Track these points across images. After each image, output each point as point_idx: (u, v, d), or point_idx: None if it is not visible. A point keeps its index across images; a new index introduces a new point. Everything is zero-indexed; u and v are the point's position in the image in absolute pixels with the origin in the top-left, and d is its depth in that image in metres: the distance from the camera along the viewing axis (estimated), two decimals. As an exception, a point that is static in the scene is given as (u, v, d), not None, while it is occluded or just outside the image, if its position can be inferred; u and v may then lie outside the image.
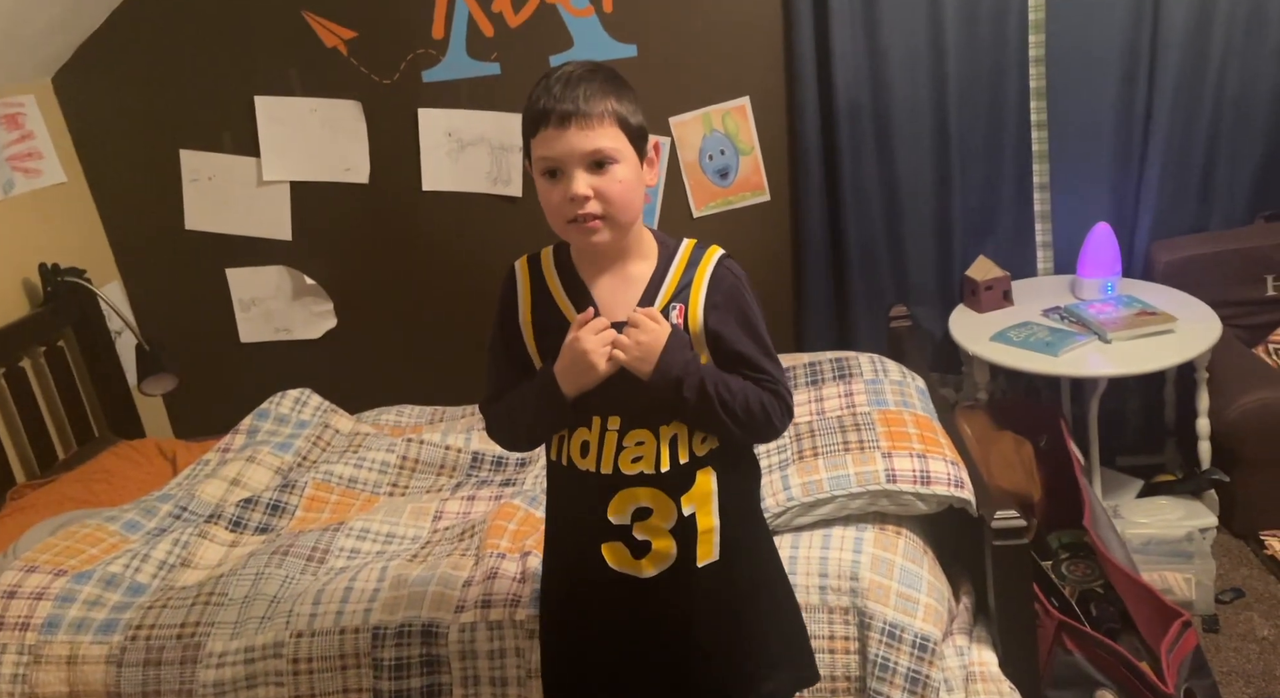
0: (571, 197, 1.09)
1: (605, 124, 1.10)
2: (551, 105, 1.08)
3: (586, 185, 1.09)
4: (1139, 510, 2.20)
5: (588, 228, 1.11)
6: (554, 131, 1.08)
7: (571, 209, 1.10)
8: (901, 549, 1.61)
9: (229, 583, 1.70)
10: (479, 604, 1.57)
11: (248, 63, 2.54)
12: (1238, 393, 2.14)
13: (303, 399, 2.33)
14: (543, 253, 1.24)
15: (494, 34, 2.49)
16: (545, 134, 1.09)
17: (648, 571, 1.19)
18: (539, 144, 1.10)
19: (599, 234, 1.12)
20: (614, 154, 1.10)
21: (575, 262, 1.20)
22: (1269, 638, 1.93)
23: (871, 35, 2.38)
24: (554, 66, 1.15)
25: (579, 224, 1.11)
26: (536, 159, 1.12)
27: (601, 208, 1.10)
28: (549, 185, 1.11)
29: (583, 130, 1.08)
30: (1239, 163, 2.42)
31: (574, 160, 1.09)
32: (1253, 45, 2.33)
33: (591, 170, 1.10)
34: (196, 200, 2.65)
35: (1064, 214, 2.54)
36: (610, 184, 1.10)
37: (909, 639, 1.50)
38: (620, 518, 1.19)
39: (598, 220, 1.11)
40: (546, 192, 1.12)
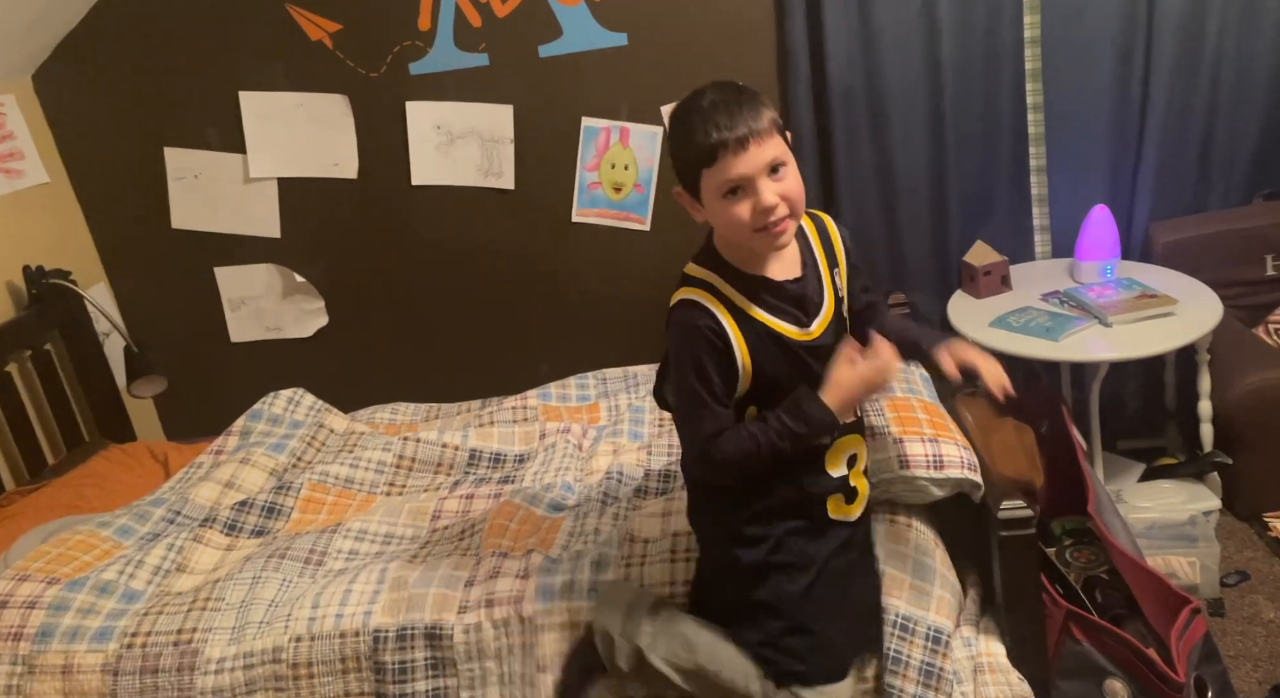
0: (765, 207, 1.21)
1: (772, 135, 1.22)
2: (727, 135, 1.19)
3: (774, 193, 1.21)
4: (1141, 495, 2.19)
5: (779, 231, 1.23)
6: (735, 156, 1.19)
7: (763, 218, 1.22)
8: (913, 543, 1.60)
9: (225, 588, 1.67)
10: (482, 604, 1.55)
11: (231, 58, 2.49)
12: (1239, 374, 2.13)
13: (296, 399, 2.30)
14: (708, 279, 1.30)
15: (482, 24, 2.45)
16: (726, 160, 1.20)
17: (856, 513, 1.40)
18: (720, 170, 1.20)
19: (787, 234, 1.25)
20: (785, 157, 1.23)
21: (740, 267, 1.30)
22: (1275, 621, 1.92)
23: (864, 19, 2.35)
24: (692, 98, 1.24)
25: (769, 230, 1.23)
26: (717, 184, 1.22)
27: (788, 208, 1.23)
28: (731, 203, 1.22)
29: (759, 146, 1.20)
30: (1236, 142, 2.40)
31: (760, 172, 1.21)
32: (1249, 25, 2.31)
33: (771, 177, 1.22)
34: (182, 199, 2.61)
35: (1061, 197, 2.52)
36: (788, 185, 1.23)
37: (922, 632, 1.48)
38: (838, 469, 1.36)
39: (786, 221, 1.24)
40: (729, 208, 1.22)
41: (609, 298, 2.69)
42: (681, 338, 1.28)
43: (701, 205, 1.26)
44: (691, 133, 1.21)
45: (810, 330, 1.32)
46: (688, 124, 1.22)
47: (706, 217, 1.28)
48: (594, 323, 2.71)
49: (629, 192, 2.61)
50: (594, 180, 2.60)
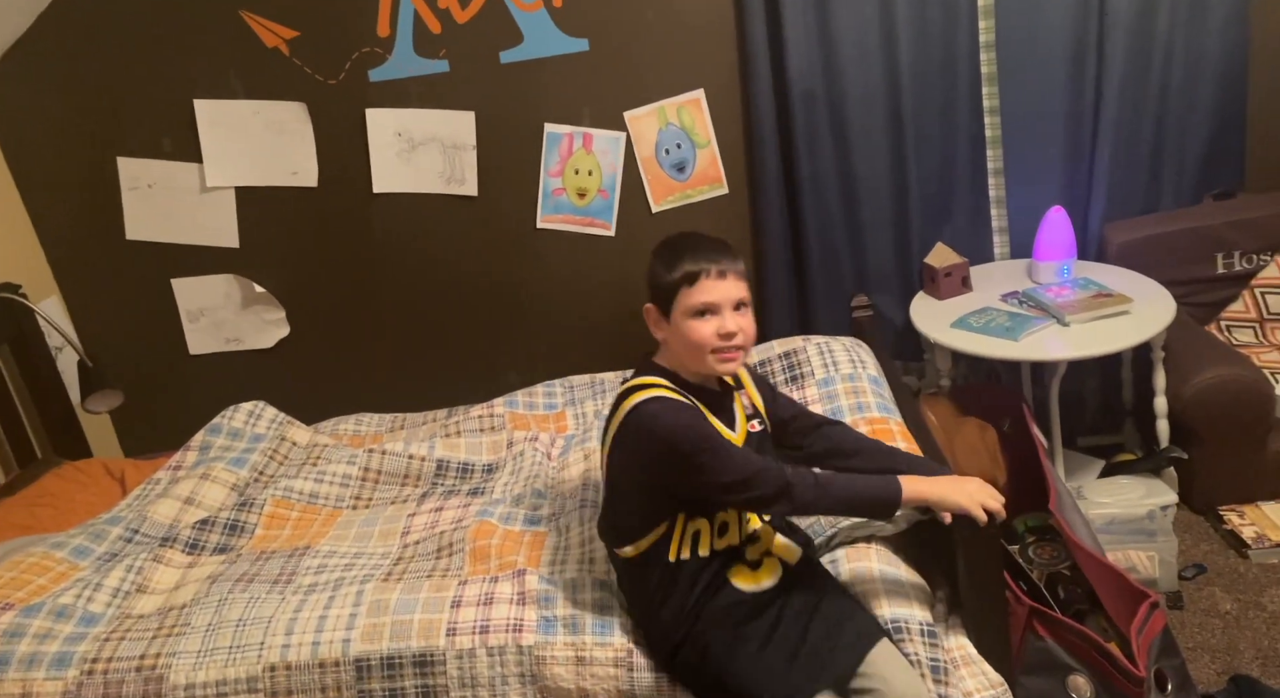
0: (726, 332, 1.41)
1: (743, 281, 1.44)
2: (711, 265, 1.41)
3: (735, 323, 1.41)
4: (1101, 491, 2.23)
5: (731, 357, 1.43)
6: (714, 282, 1.41)
7: (720, 342, 1.41)
8: (875, 557, 1.62)
9: (191, 612, 1.63)
10: (477, 629, 1.52)
11: (185, 66, 2.44)
12: (1193, 371, 2.18)
13: (257, 412, 2.26)
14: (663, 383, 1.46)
15: (441, 31, 2.43)
16: (705, 284, 1.41)
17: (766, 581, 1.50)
18: (697, 291, 1.41)
19: (734, 363, 1.45)
20: (749, 301, 1.45)
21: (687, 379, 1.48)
22: (1231, 612, 1.97)
23: (823, 24, 2.37)
24: (681, 235, 1.48)
25: (722, 354, 1.42)
26: (691, 304, 1.41)
27: (743, 340, 1.43)
28: (699, 323, 1.41)
29: (734, 281, 1.42)
30: (1186, 143, 2.46)
31: (728, 304, 1.42)
32: (1196, 29, 2.36)
33: (736, 311, 1.42)
34: (137, 209, 2.55)
35: (1019, 199, 2.56)
36: (748, 324, 1.44)
37: (916, 630, 1.49)
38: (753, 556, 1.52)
39: (739, 351, 1.43)
40: (697, 328, 1.41)
41: (575, 304, 2.68)
42: (673, 414, 1.40)
43: (668, 323, 1.45)
44: (679, 258, 1.42)
45: (733, 434, 1.49)
46: (677, 250, 1.43)
47: (668, 334, 1.46)
48: (560, 329, 2.70)
49: (593, 197, 2.61)
50: (558, 186, 2.60)
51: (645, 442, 1.41)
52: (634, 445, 1.43)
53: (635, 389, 1.45)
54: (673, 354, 1.48)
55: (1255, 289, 2.44)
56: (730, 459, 1.40)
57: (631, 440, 1.43)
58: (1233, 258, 2.45)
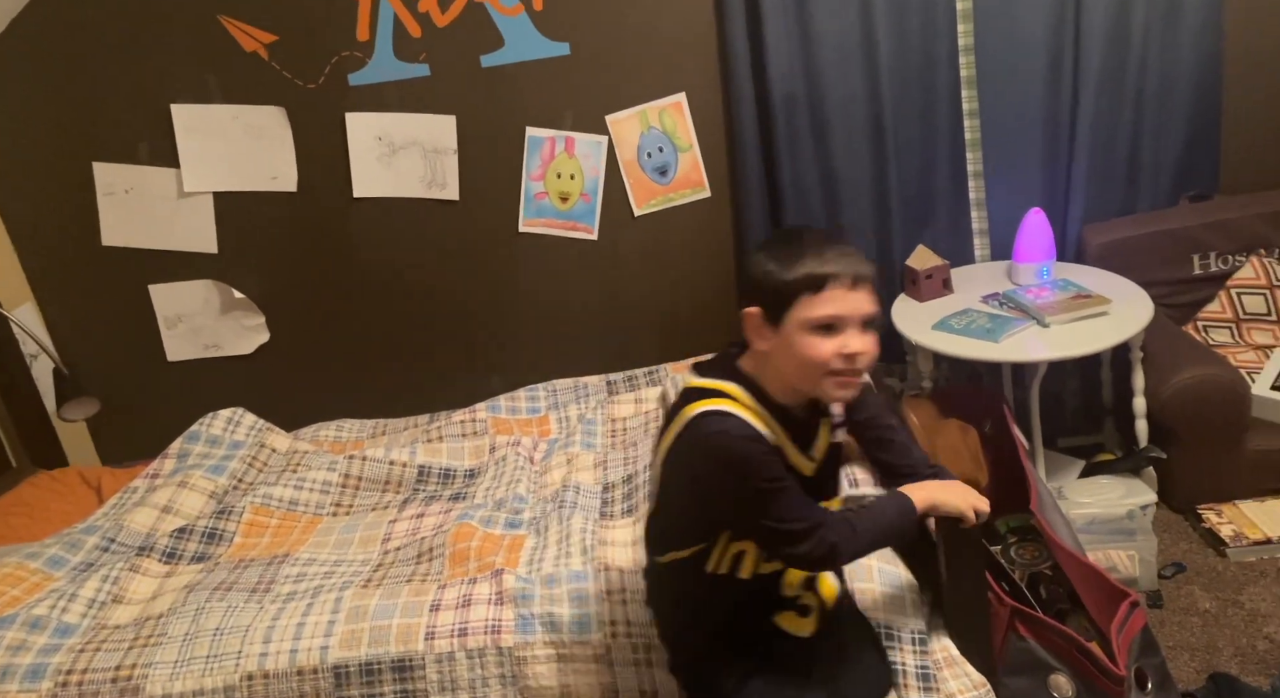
0: (850, 353, 1.18)
1: (874, 291, 1.21)
2: (837, 269, 1.17)
3: (862, 343, 1.19)
4: (1082, 490, 2.24)
5: (849, 382, 1.21)
6: (842, 292, 1.17)
7: (840, 363, 1.19)
8: (875, 555, 1.61)
9: (168, 622, 1.61)
10: (455, 632, 1.52)
11: (162, 70, 2.42)
12: (1171, 371, 2.20)
13: (235, 419, 2.24)
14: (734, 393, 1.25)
15: (422, 34, 2.43)
16: (831, 293, 1.17)
17: (807, 629, 1.37)
18: (823, 301, 1.17)
19: (853, 390, 1.23)
20: (878, 318, 1.21)
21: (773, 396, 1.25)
22: (1210, 610, 1.98)
23: (804, 27, 2.38)
24: (795, 229, 1.29)
25: (841, 378, 1.20)
26: (813, 315, 1.18)
27: (866, 364, 1.21)
28: (818, 339, 1.18)
29: (867, 294, 1.19)
30: (1162, 146, 2.49)
31: (854, 320, 1.19)
32: (1171, 30, 2.39)
33: (863, 330, 1.20)
34: (113, 215, 2.52)
35: (999, 201, 2.58)
36: (872, 345, 1.21)
37: (907, 638, 1.50)
38: (793, 590, 1.36)
39: (859, 377, 1.21)
40: (814, 344, 1.18)
41: (558, 308, 2.67)
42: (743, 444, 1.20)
43: (775, 333, 1.21)
44: (799, 256, 1.18)
45: (806, 463, 1.31)
46: (798, 246, 1.19)
47: (773, 345, 1.22)
48: (543, 333, 2.70)
49: (575, 201, 2.60)
50: (540, 190, 2.59)
51: (701, 462, 1.23)
52: (687, 460, 1.25)
53: (705, 394, 1.24)
54: (770, 366, 1.25)
55: (1231, 290, 2.46)
56: (791, 508, 1.22)
57: (686, 454, 1.25)
58: (1209, 259, 2.48)
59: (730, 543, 1.30)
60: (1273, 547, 2.11)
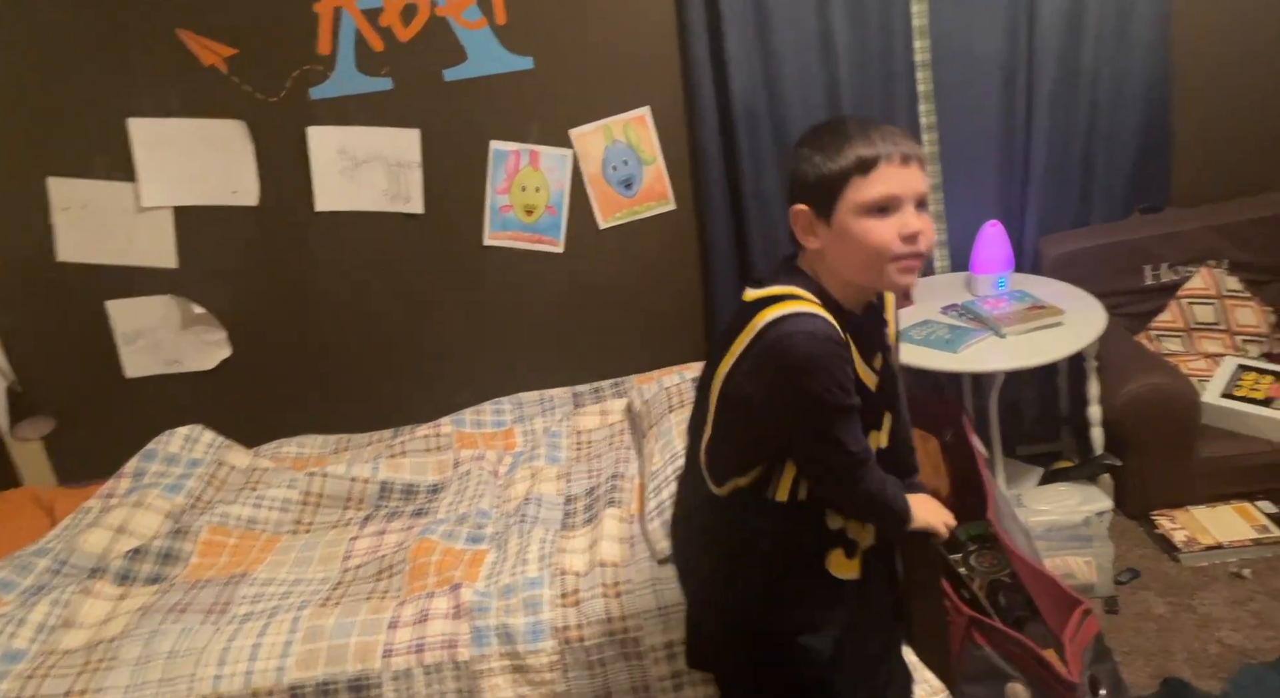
0: (911, 233, 1.12)
1: (925, 169, 1.16)
2: (893, 148, 1.12)
3: (921, 222, 1.13)
4: (1040, 498, 2.27)
5: (911, 266, 1.14)
6: (896, 169, 1.12)
7: (901, 247, 1.12)
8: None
9: (119, 646, 1.58)
10: (412, 649, 1.50)
11: (119, 84, 2.39)
12: (1124, 380, 2.24)
13: (193, 437, 2.21)
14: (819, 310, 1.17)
15: (384, 48, 2.42)
16: (886, 171, 1.12)
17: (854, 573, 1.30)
18: (875, 181, 1.12)
19: (915, 275, 1.16)
20: (928, 201, 1.18)
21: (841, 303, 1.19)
22: (1164, 615, 2.02)
23: (764, 43, 2.41)
24: (839, 117, 1.20)
25: (903, 262, 1.13)
26: (866, 199, 1.12)
27: (926, 246, 1.15)
28: (877, 223, 1.12)
29: (919, 171, 1.14)
30: (1114, 159, 2.54)
31: (910, 198, 1.13)
32: (1121, 47, 2.45)
33: (919, 210, 1.14)
34: (68, 230, 2.49)
35: (958, 213, 2.62)
36: (930, 227, 1.16)
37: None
38: (835, 522, 1.27)
39: (920, 260, 1.14)
40: (873, 228, 1.12)
41: (524, 321, 2.67)
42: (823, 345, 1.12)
43: (829, 226, 1.14)
44: (847, 142, 1.12)
45: (872, 377, 1.25)
46: (841, 135, 1.13)
47: (827, 241, 1.16)
48: (509, 346, 2.69)
49: (541, 214, 2.61)
50: (505, 203, 2.59)
51: (776, 368, 1.13)
52: (759, 370, 1.15)
53: (776, 299, 1.15)
54: (827, 266, 1.18)
55: (1181, 300, 2.52)
56: (851, 432, 1.17)
57: (759, 363, 1.15)
58: (1160, 270, 2.53)
59: (789, 468, 1.23)
60: (1224, 552, 2.16)
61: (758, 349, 1.15)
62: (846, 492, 1.24)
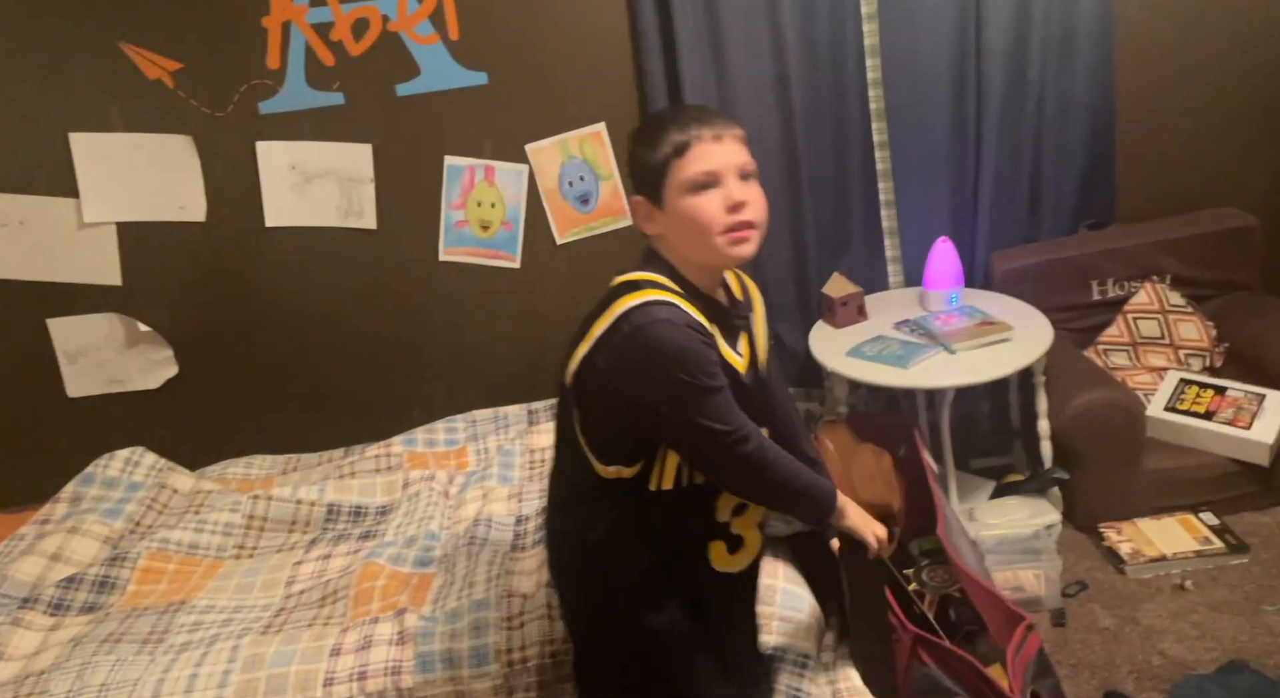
0: (735, 203, 1.17)
1: (744, 146, 1.21)
2: (704, 130, 1.18)
3: (744, 192, 1.18)
4: (991, 512, 2.30)
5: (743, 237, 1.18)
6: (709, 146, 1.17)
7: (730, 218, 1.17)
8: (781, 573, 1.64)
9: (50, 679, 1.53)
10: (354, 676, 1.48)
11: (59, 98, 2.34)
12: (1071, 394, 2.28)
13: (134, 459, 2.16)
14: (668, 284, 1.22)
15: (335, 63, 2.40)
16: (699, 150, 1.17)
17: (742, 564, 1.34)
18: (691, 161, 1.17)
19: (750, 244, 1.20)
20: (755, 172, 1.21)
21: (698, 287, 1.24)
22: (1110, 628, 2.05)
23: (719, 63, 2.42)
24: (663, 109, 1.27)
25: (734, 233, 1.18)
26: (687, 178, 1.18)
27: (755, 215, 1.19)
28: (700, 199, 1.17)
29: (735, 145, 1.19)
30: (1061, 177, 2.59)
31: (731, 170, 1.18)
32: (1066, 66, 2.49)
33: (744, 182, 1.19)
34: (8, 247, 2.42)
35: (910, 229, 2.65)
36: (758, 196, 1.20)
37: (790, 659, 1.51)
38: (724, 515, 1.30)
39: (753, 229, 1.19)
40: (698, 205, 1.17)
41: (480, 337, 2.65)
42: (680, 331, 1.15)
43: (663, 210, 1.20)
44: (664, 130, 1.19)
45: (738, 360, 1.28)
46: (660, 124, 1.21)
47: (665, 225, 1.21)
48: (465, 363, 2.67)
49: (497, 229, 2.59)
50: (460, 219, 2.57)
51: (636, 356, 1.16)
52: (618, 353, 1.17)
53: (635, 286, 1.19)
54: (673, 251, 1.23)
55: (1128, 315, 2.57)
56: (725, 407, 1.18)
57: (618, 350, 1.17)
58: (1106, 285, 2.58)
59: (670, 451, 1.24)
60: (1167, 563, 2.20)
61: (617, 337, 1.18)
62: (732, 472, 1.24)
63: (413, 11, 2.38)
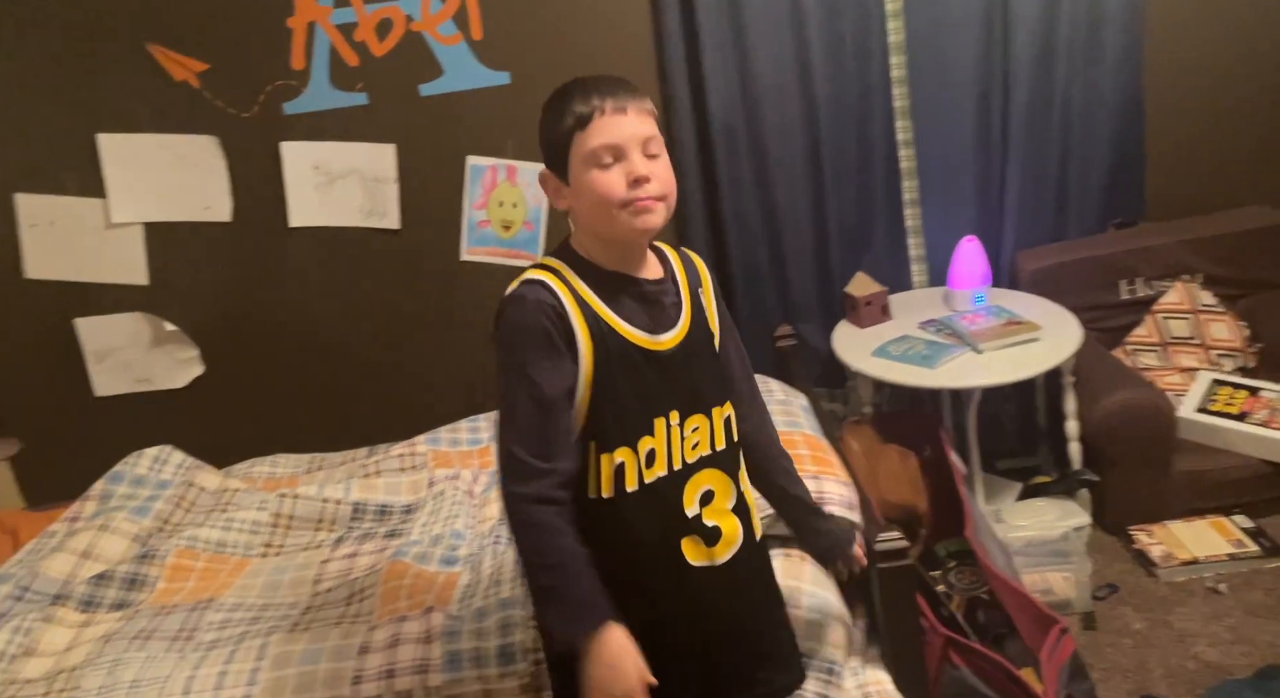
0: (637, 176, 1.14)
1: (650, 117, 1.18)
2: (606, 101, 1.15)
3: (648, 166, 1.15)
4: (1019, 513, 2.27)
5: (646, 207, 1.15)
6: (611, 119, 1.14)
7: (628, 192, 1.14)
8: (809, 576, 1.61)
9: (82, 675, 1.54)
10: (382, 675, 1.47)
11: (88, 99, 2.36)
12: (1101, 395, 2.25)
13: (162, 457, 2.17)
14: (556, 266, 1.19)
15: (359, 63, 2.41)
16: (600, 122, 1.14)
17: (723, 555, 1.24)
18: (593, 134, 1.14)
19: (655, 214, 1.16)
20: (660, 144, 1.18)
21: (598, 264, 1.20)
22: (1142, 631, 2.02)
23: (741, 61, 2.41)
24: (571, 81, 1.19)
25: (637, 205, 1.15)
26: (589, 150, 1.15)
27: (660, 188, 1.16)
28: (602, 173, 1.14)
29: (639, 117, 1.16)
30: (1088, 175, 2.56)
31: (633, 144, 1.15)
32: (1093, 63, 2.46)
33: (645, 154, 1.16)
34: (36, 247, 2.45)
35: (935, 228, 2.63)
36: (663, 169, 1.17)
37: (816, 665, 1.49)
38: (692, 508, 1.23)
39: (657, 201, 1.16)
40: (600, 179, 1.14)
41: (502, 337, 2.65)
42: (515, 323, 1.13)
43: (567, 185, 1.18)
44: (568, 101, 1.16)
45: (659, 339, 1.21)
46: (565, 96, 1.17)
47: (571, 200, 1.18)
48: (487, 362, 2.65)
49: (519, 229, 2.59)
50: (483, 218, 2.58)
51: (492, 337, 1.16)
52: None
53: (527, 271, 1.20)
54: (583, 228, 1.21)
55: (1157, 314, 2.54)
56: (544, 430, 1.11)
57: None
58: (1135, 284, 2.55)
59: (602, 455, 1.17)
60: (1200, 567, 2.17)
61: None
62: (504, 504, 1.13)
63: (436, 11, 2.38)
